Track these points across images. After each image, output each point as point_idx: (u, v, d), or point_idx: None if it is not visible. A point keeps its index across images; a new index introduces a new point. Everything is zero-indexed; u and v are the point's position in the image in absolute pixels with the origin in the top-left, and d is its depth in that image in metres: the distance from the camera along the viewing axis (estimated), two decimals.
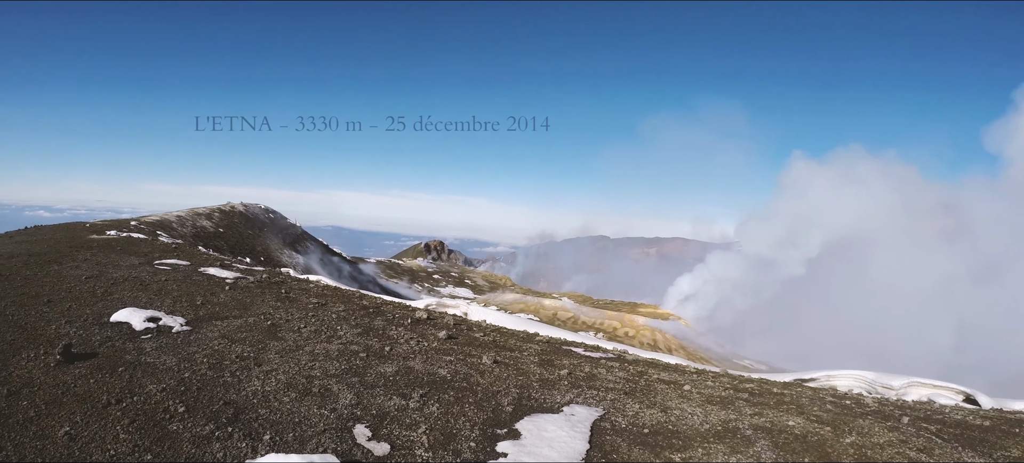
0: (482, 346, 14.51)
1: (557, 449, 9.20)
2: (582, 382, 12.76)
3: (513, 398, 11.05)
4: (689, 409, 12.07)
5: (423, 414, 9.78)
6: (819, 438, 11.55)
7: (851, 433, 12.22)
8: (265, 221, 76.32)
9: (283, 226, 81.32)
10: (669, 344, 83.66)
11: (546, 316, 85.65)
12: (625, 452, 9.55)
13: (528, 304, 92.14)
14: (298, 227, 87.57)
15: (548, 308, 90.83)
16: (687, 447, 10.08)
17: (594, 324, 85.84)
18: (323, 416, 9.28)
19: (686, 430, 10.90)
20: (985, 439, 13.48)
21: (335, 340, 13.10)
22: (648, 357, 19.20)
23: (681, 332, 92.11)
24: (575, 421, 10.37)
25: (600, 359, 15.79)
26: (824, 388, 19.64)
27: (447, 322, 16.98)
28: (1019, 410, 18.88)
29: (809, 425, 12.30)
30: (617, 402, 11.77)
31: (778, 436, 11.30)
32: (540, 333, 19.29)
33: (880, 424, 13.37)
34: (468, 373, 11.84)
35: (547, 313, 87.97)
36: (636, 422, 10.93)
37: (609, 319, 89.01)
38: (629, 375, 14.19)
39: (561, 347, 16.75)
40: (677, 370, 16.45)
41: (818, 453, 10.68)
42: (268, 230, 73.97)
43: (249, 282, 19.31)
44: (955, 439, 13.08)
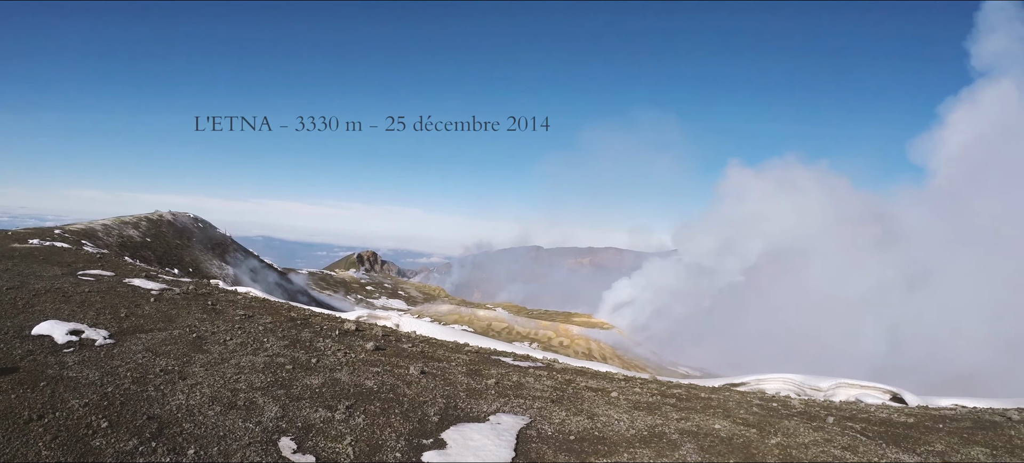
0: (410, 357, 14.52)
1: (482, 457, 9.28)
2: (509, 391, 12.85)
3: (439, 408, 11.09)
4: (616, 415, 12.24)
5: (349, 426, 9.76)
6: (745, 440, 11.80)
7: (776, 434, 12.49)
8: (194, 231, 74.98)
9: (213, 236, 79.93)
10: (604, 353, 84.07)
11: (480, 327, 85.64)
12: (551, 458, 9.66)
13: (462, 315, 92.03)
14: (228, 237, 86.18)
15: (483, 319, 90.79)
16: (613, 452, 10.24)
17: (529, 334, 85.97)
18: (248, 429, 9.21)
19: (612, 436, 11.06)
20: (909, 435, 13.89)
21: (261, 352, 13.00)
22: (578, 365, 19.39)
23: (616, 341, 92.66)
24: (501, 429, 10.46)
25: (528, 368, 15.92)
26: (753, 392, 19.99)
27: (376, 333, 16.95)
28: (944, 407, 19.46)
29: (735, 428, 12.55)
30: (544, 410, 11.88)
31: (704, 439, 11.51)
32: (470, 343, 19.35)
33: (806, 425, 13.69)
34: (395, 384, 11.85)
35: (481, 324, 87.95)
36: (562, 429, 11.05)
37: (544, 329, 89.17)
38: (557, 383, 14.33)
39: (490, 357, 16.84)
40: (605, 377, 16.65)
41: (743, 454, 10.91)
42: (197, 240, 72.70)
43: (175, 294, 19.04)
44: (879, 437, 13.44)
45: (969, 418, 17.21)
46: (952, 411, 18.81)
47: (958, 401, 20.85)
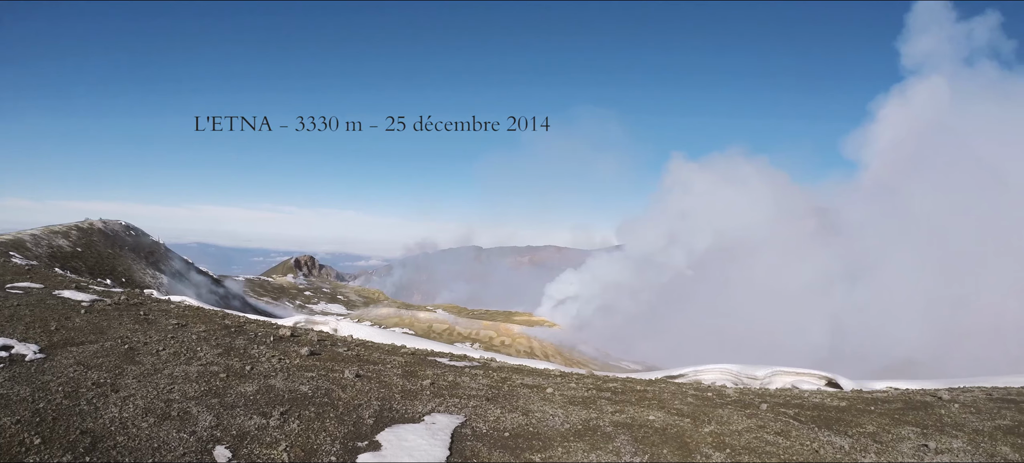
0: (345, 361, 14.55)
1: (417, 457, 9.40)
2: (445, 391, 12.97)
3: (374, 410, 11.16)
4: (551, 411, 12.45)
5: (284, 431, 9.78)
6: (678, 430, 12.09)
7: (710, 423, 12.81)
8: (126, 239, 73.47)
9: (146, 244, 78.39)
10: (545, 351, 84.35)
11: (421, 329, 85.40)
12: (485, 456, 9.82)
13: (403, 318, 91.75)
14: (161, 245, 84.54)
15: (423, 321, 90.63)
16: (547, 447, 10.44)
17: (470, 335, 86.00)
18: (182, 440, 9.18)
19: (547, 431, 11.25)
20: (841, 418, 14.35)
21: (195, 361, 12.91)
22: (515, 364, 19.58)
23: (558, 338, 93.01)
24: (436, 429, 10.58)
25: (465, 368, 16.05)
26: (691, 383, 20.34)
27: (311, 339, 16.92)
28: (878, 390, 20.04)
29: (669, 418, 12.84)
30: (479, 408, 12.03)
31: (638, 431, 11.78)
32: (406, 346, 19.41)
33: (740, 412, 14.04)
34: (330, 388, 11.89)
35: (422, 326, 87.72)
36: (497, 427, 11.22)
37: (485, 329, 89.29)
38: (493, 382, 14.49)
39: (426, 358, 16.94)
40: (541, 374, 16.86)
41: (677, 444, 11.20)
42: (130, 249, 71.23)
43: (107, 305, 18.78)
44: (812, 421, 13.85)
45: (901, 400, 17.78)
46: (884, 394, 19.38)
47: (893, 384, 21.46)
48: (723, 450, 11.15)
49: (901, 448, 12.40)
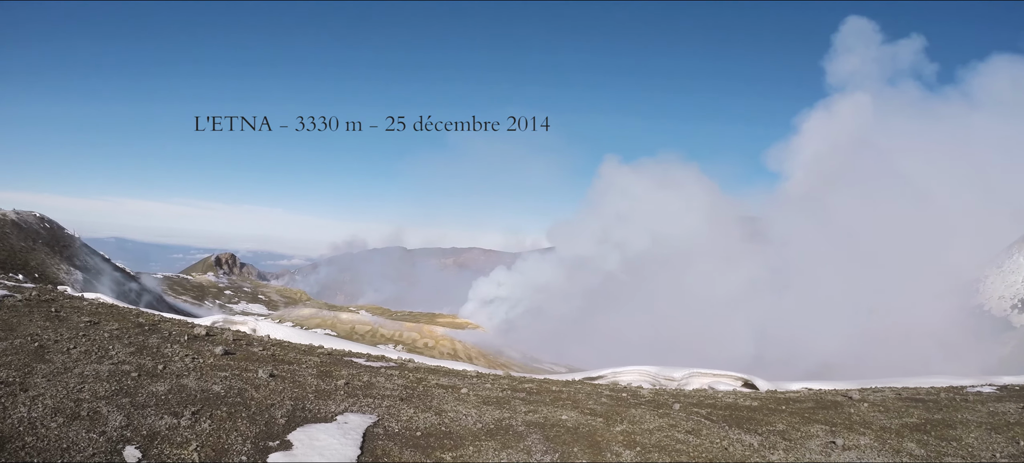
0: (260, 360, 14.51)
1: (328, 456, 9.51)
2: (359, 391, 13.04)
3: (287, 410, 11.19)
4: (464, 411, 12.64)
5: (194, 431, 9.76)
6: (590, 429, 12.38)
7: (623, 422, 13.12)
8: (41, 232, 71.46)
9: (60, 238, 76.25)
10: (469, 353, 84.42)
11: (344, 330, 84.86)
12: (396, 455, 9.96)
13: (325, 319, 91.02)
14: (77, 239, 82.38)
15: (346, 322, 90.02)
16: (458, 446, 10.63)
17: (393, 336, 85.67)
18: (92, 440, 9.10)
19: (459, 430, 11.44)
20: (753, 418, 14.81)
21: (106, 360, 12.73)
22: (433, 364, 19.71)
23: (482, 340, 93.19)
24: (348, 429, 10.69)
25: (380, 368, 16.14)
26: (608, 384, 20.67)
27: (226, 338, 16.81)
28: (792, 391, 20.64)
29: (582, 418, 13.12)
30: (392, 408, 12.14)
31: (550, 430, 12.04)
32: (324, 346, 19.40)
33: (652, 412, 14.39)
34: (243, 388, 11.87)
35: (345, 327, 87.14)
36: (410, 426, 11.36)
37: (408, 331, 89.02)
38: (408, 382, 14.61)
39: (342, 358, 16.98)
40: (457, 375, 17.04)
41: (588, 443, 11.49)
42: (44, 242, 69.27)
43: (16, 301, 18.37)
44: (724, 420, 14.27)
45: (812, 399, 18.41)
46: (797, 394, 19.96)
47: (808, 385, 22.09)
48: (633, 448, 11.48)
49: (809, 445, 12.90)
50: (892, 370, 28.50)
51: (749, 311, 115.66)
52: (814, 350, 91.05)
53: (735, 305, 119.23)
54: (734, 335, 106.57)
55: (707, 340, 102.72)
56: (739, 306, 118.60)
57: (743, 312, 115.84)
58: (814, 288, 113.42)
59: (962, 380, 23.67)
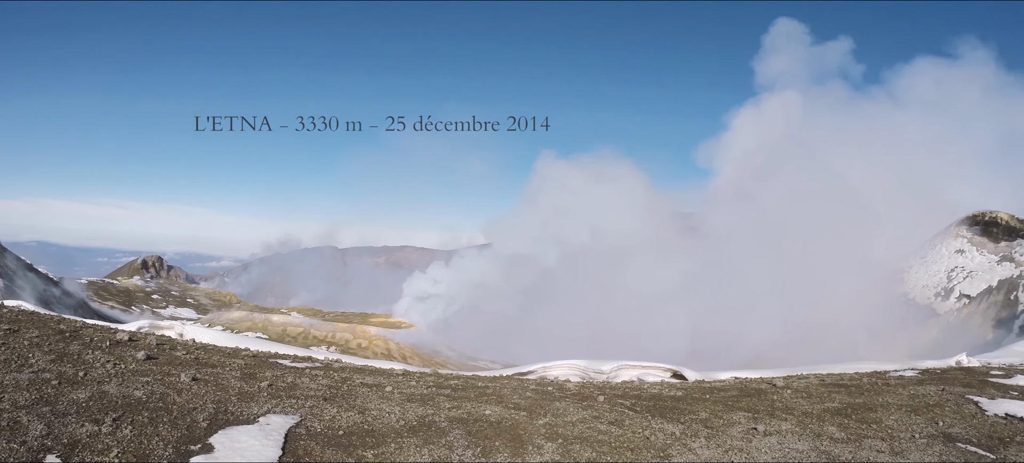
0: (183, 364, 14.45)
1: (249, 458, 9.58)
2: (282, 392, 13.09)
3: (209, 413, 11.19)
4: (388, 409, 12.78)
5: (115, 438, 9.73)
6: (513, 422, 12.64)
7: (546, 415, 13.40)
8: None
9: None
10: (403, 353, 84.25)
11: (275, 333, 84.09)
12: (318, 454, 10.08)
13: (256, 321, 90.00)
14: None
15: (277, 324, 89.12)
16: (380, 444, 10.79)
17: (326, 338, 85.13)
18: (12, 450, 9.01)
19: (382, 428, 11.60)
20: (677, 407, 15.20)
21: (26, 369, 12.55)
22: (360, 364, 19.80)
23: (416, 339, 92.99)
24: (270, 430, 10.77)
25: (306, 369, 16.19)
26: (537, 379, 20.96)
27: (149, 343, 16.68)
28: (720, 380, 21.14)
29: (506, 412, 13.37)
30: (315, 408, 12.22)
31: (473, 425, 12.27)
32: (249, 348, 19.36)
33: (577, 404, 14.70)
34: (165, 392, 11.83)
35: (276, 330, 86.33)
36: (332, 425, 11.47)
37: (341, 331, 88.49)
38: (333, 382, 14.70)
39: (268, 360, 16.98)
40: (383, 374, 17.16)
41: (510, 436, 11.74)
42: None
43: None
44: (647, 410, 14.62)
45: (737, 388, 18.92)
46: (723, 383, 20.47)
47: (737, 374, 22.64)
48: (555, 440, 11.78)
49: (731, 432, 13.36)
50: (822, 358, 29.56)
51: (684, 305, 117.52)
52: (748, 342, 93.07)
53: (670, 299, 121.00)
54: (669, 329, 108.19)
55: (643, 334, 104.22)
56: (674, 300, 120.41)
57: (678, 306, 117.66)
58: (747, 281, 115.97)
59: (886, 365, 24.53)
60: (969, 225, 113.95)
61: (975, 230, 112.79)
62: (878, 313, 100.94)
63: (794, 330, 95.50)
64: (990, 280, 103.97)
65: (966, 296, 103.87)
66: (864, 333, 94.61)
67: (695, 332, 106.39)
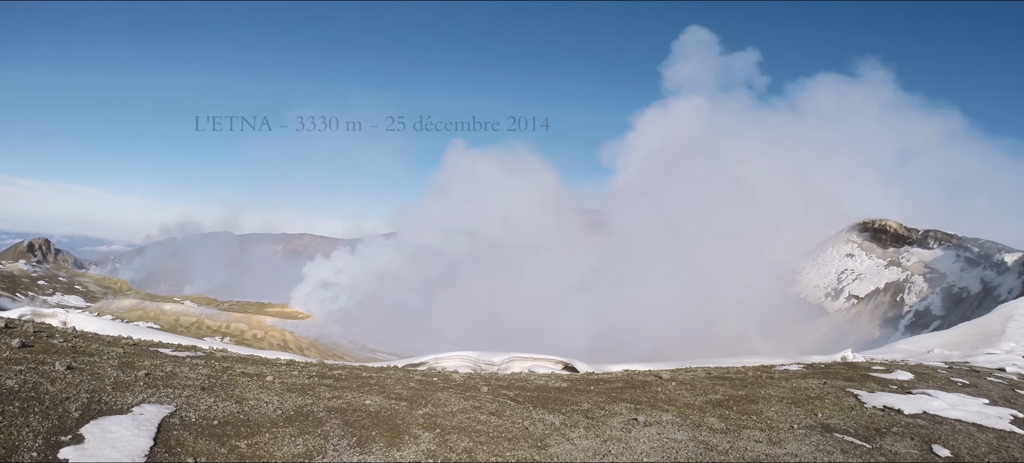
0: (59, 352, 14.12)
1: (120, 449, 9.50)
2: (160, 381, 12.91)
3: (82, 403, 10.98)
4: (266, 398, 12.78)
5: None
6: (392, 412, 12.78)
7: (427, 405, 13.57)
8: None
9: None
10: (300, 344, 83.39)
11: (168, 323, 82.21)
12: (191, 445, 10.06)
13: (148, 310, 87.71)
14: None
15: (170, 314, 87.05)
16: (255, 433, 10.83)
17: (220, 328, 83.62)
18: None
19: (258, 418, 11.61)
20: (560, 398, 15.53)
21: None
22: (245, 353, 19.69)
23: (314, 330, 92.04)
24: (143, 420, 10.67)
25: (186, 358, 16.03)
26: (427, 370, 21.13)
27: (25, 330, 16.29)
28: (609, 372, 21.59)
29: (386, 402, 13.50)
30: (192, 398, 12.12)
31: (351, 415, 12.37)
32: (132, 337, 19.05)
33: (459, 395, 14.91)
34: (38, 381, 11.58)
35: (169, 319, 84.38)
36: (207, 415, 11.42)
37: (237, 322, 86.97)
38: (213, 371, 14.59)
39: (148, 349, 16.74)
40: (265, 363, 17.11)
41: (388, 426, 11.90)
42: None
43: None
44: (529, 401, 14.90)
45: (623, 380, 19.36)
46: (611, 375, 20.92)
47: (629, 367, 23.17)
48: (433, 430, 11.99)
49: (611, 422, 13.72)
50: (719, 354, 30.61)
51: (587, 300, 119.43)
52: (649, 338, 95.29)
53: (574, 294, 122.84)
54: (572, 324, 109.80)
55: (545, 329, 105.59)
56: (577, 295, 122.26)
57: (581, 301, 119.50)
58: (649, 279, 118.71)
59: (773, 360, 25.44)
60: (859, 231, 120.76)
61: (865, 236, 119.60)
62: (771, 311, 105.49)
63: (693, 327, 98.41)
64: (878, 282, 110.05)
65: (855, 296, 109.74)
66: (758, 330, 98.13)
67: (597, 328, 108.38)
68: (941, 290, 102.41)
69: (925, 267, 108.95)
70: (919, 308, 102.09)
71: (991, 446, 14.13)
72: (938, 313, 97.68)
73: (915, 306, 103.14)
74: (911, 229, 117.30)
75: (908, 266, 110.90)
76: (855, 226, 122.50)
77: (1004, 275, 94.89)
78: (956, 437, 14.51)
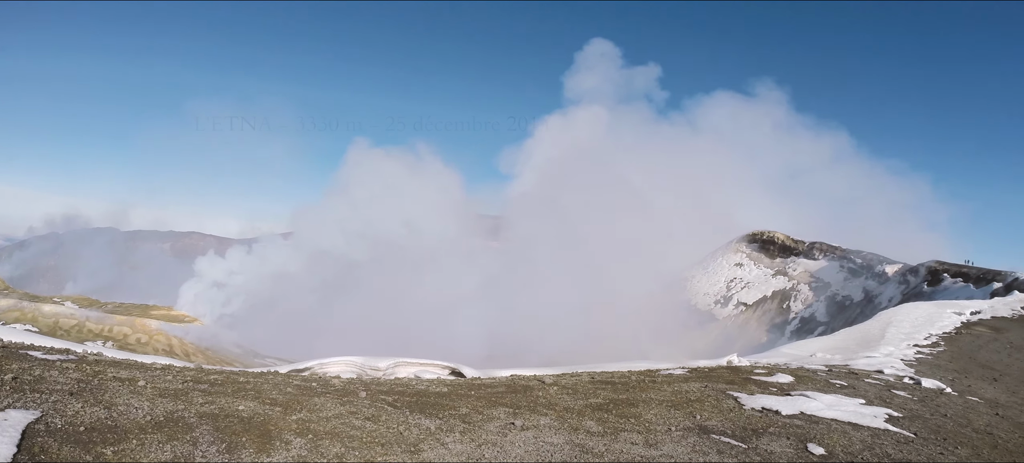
0: None
1: None
2: (27, 386, 12.51)
3: None
4: (137, 404, 12.50)
5: None
6: (265, 418, 12.69)
7: (302, 410, 13.51)
8: None
9: None
10: (186, 349, 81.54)
11: (47, 325, 79.35)
12: (55, 452, 9.80)
13: (25, 311, 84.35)
14: None
15: (49, 315, 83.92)
16: (122, 440, 10.61)
17: (103, 332, 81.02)
18: None
19: (127, 424, 11.35)
20: (439, 403, 15.62)
21: None
22: (120, 357, 19.23)
23: (202, 335, 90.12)
24: (7, 426, 10.32)
25: (57, 361, 15.57)
26: (310, 375, 20.98)
27: None
28: (494, 378, 21.76)
29: (260, 408, 13.39)
30: (59, 403, 11.78)
31: (223, 421, 12.23)
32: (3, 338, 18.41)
33: (336, 400, 14.87)
34: None
35: (48, 321, 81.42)
36: (74, 421, 11.11)
37: (120, 325, 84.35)
38: (83, 375, 14.21)
39: (18, 352, 16.27)
40: (139, 367, 16.74)
41: (259, 432, 11.83)
42: None
43: None
44: (407, 406, 14.96)
45: (504, 385, 19.55)
46: (495, 380, 21.12)
47: (516, 372, 23.36)
48: (305, 436, 11.97)
49: (488, 427, 13.88)
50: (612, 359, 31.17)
51: (486, 306, 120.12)
52: (546, 344, 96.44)
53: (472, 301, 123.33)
54: (470, 330, 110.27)
55: (442, 335, 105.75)
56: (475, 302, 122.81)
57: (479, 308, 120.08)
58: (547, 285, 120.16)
59: (659, 365, 26.01)
60: (748, 242, 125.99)
61: (754, 246, 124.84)
62: (664, 318, 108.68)
63: (589, 333, 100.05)
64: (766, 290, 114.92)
65: (744, 303, 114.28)
66: (650, 336, 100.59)
67: (495, 334, 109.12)
68: (825, 298, 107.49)
69: (811, 276, 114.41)
70: (805, 315, 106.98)
71: (865, 444, 14.93)
72: (823, 320, 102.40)
73: (801, 313, 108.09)
74: (798, 241, 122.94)
75: (794, 275, 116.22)
76: (744, 237, 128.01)
77: (885, 284, 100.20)
78: (831, 436, 15.27)
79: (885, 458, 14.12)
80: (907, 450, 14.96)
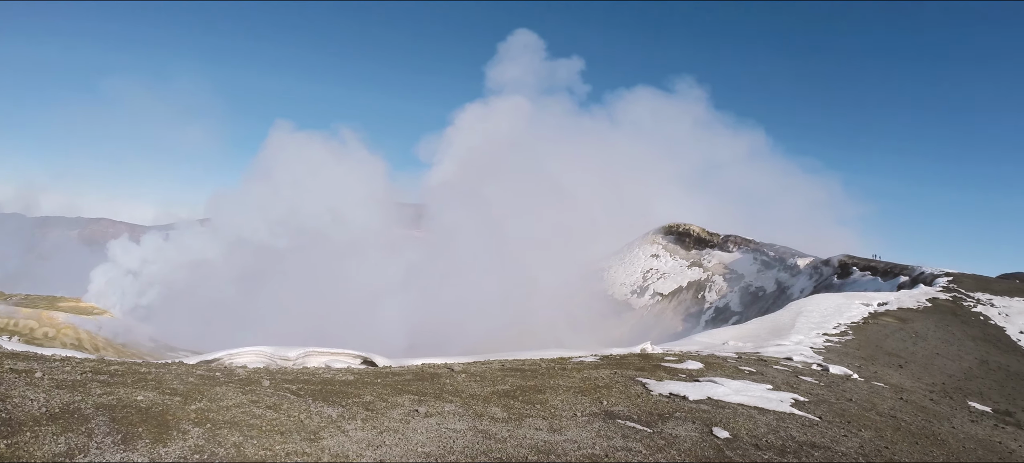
0: None
1: None
2: None
3: None
4: (32, 396, 12.22)
5: None
6: (163, 408, 12.48)
7: (202, 400, 13.33)
8: None
9: None
10: (95, 343, 79.16)
11: None
12: None
13: None
14: None
15: None
16: (16, 433, 10.38)
17: (6, 326, 78.18)
18: None
19: (20, 416, 11.11)
20: (344, 391, 15.55)
21: None
22: (20, 350, 18.71)
23: (112, 327, 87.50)
24: None
25: None
26: (219, 365, 20.61)
27: None
28: (405, 366, 21.64)
29: (160, 398, 13.16)
30: None
31: (120, 411, 12.00)
32: None
33: (239, 390, 14.67)
34: None
35: None
36: None
37: (25, 318, 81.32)
38: None
39: None
40: (37, 359, 16.35)
41: (157, 422, 11.63)
42: None
43: None
44: (311, 394, 14.84)
45: (412, 373, 19.50)
46: (404, 369, 21.02)
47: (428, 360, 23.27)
48: (204, 425, 11.84)
49: (392, 414, 13.88)
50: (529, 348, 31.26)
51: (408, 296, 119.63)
52: (467, 333, 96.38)
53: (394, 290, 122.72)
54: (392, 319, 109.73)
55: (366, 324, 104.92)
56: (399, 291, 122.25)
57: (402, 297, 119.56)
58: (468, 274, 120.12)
59: (572, 352, 26.20)
60: (664, 233, 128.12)
61: (670, 238, 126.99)
62: (581, 307, 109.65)
63: (509, 322, 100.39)
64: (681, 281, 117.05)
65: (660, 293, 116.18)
66: (567, 325, 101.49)
67: (417, 324, 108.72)
68: (739, 289, 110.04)
69: (725, 268, 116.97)
70: (719, 305, 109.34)
71: (770, 427, 15.38)
72: (737, 309, 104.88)
73: (715, 303, 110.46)
74: (713, 233, 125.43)
75: (709, 267, 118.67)
76: (661, 229, 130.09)
77: (797, 276, 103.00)
78: (737, 420, 15.72)
79: (789, 440, 14.56)
80: (811, 432, 15.45)
